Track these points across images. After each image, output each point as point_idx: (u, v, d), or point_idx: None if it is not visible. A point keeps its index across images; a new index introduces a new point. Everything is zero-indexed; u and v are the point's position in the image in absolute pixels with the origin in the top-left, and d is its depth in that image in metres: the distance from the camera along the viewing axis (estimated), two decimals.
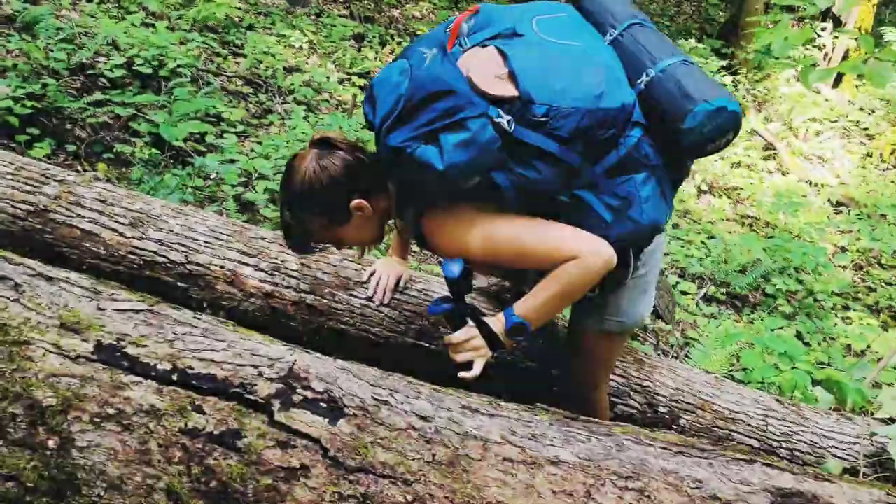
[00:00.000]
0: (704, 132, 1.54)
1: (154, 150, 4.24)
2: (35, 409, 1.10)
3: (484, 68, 1.50)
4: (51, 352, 1.14)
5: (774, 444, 2.29)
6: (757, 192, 7.10)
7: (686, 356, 3.98)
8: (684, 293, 5.00)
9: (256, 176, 4.41)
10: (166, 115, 4.57)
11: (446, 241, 1.62)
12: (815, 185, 7.69)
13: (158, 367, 1.18)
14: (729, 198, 7.09)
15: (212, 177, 4.42)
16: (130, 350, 1.19)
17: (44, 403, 1.10)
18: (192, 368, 1.19)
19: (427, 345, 2.17)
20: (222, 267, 2.10)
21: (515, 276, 2.04)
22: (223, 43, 6.59)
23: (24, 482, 1.09)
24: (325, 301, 2.14)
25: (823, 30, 9.18)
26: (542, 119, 1.45)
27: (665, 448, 1.42)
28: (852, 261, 6.34)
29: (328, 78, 6.83)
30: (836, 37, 9.38)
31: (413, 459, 1.20)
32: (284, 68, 6.71)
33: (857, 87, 10.10)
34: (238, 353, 1.24)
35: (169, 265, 2.06)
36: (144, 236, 2.07)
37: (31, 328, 1.16)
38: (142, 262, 2.05)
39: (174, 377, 1.17)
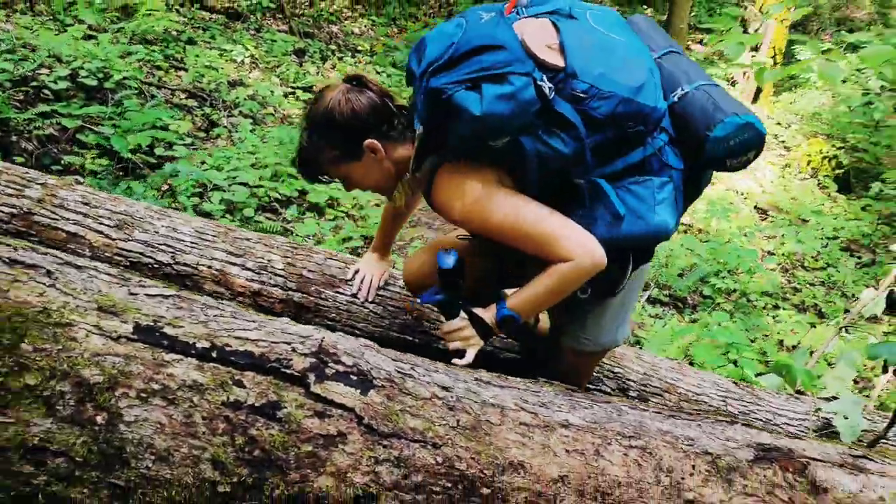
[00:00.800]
0: (730, 144, 1.63)
1: (103, 162, 4.18)
2: (83, 387, 1.13)
3: (537, 35, 1.56)
4: (93, 333, 1.18)
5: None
6: None
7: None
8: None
9: (211, 187, 4.40)
10: (114, 127, 4.51)
11: (454, 198, 1.62)
12: (742, 194, 8.11)
13: (197, 345, 1.22)
14: None
15: (163, 188, 4.38)
16: (168, 330, 1.23)
17: (91, 381, 1.14)
18: (230, 346, 1.24)
19: (410, 338, 2.25)
20: (210, 267, 2.13)
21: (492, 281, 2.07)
22: (164, 56, 6.52)
23: (74, 457, 1.12)
24: (311, 298, 2.20)
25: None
26: (582, 95, 1.52)
27: (658, 412, 1.55)
28: (779, 263, 6.73)
29: (272, 92, 6.84)
30: (753, 55, 9.96)
31: (440, 425, 1.29)
32: (228, 82, 6.69)
33: (773, 102, 10.73)
34: (270, 331, 1.30)
35: (156, 266, 2.08)
36: (130, 238, 2.09)
37: (70, 311, 1.19)
38: (128, 264, 2.06)
39: (213, 354, 1.22)
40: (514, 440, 1.31)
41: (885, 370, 2.17)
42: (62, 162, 4.14)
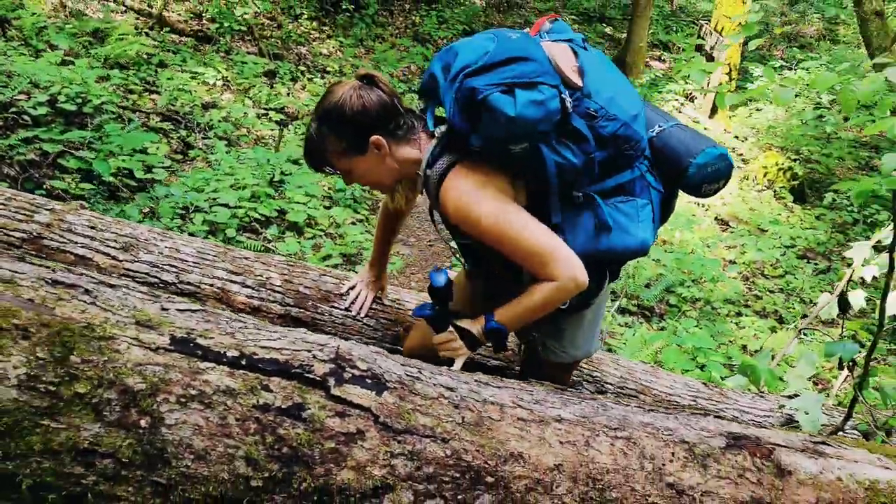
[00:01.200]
0: (708, 171, 1.85)
1: (86, 186, 4.25)
2: (127, 394, 1.25)
3: (562, 56, 1.73)
4: (133, 345, 1.29)
5: None
6: None
7: None
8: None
9: (193, 209, 4.49)
10: (95, 151, 4.58)
11: (464, 198, 1.70)
12: (704, 206, 8.40)
13: (228, 353, 1.34)
14: None
15: (144, 211, 4.46)
16: (201, 341, 1.35)
17: (134, 388, 1.25)
18: (256, 354, 1.36)
19: (402, 349, 2.38)
20: (212, 285, 2.24)
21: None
22: (139, 80, 6.59)
23: (120, 458, 1.23)
24: (308, 313, 2.32)
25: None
26: (593, 113, 1.70)
27: (639, 407, 1.70)
28: (740, 272, 7.00)
29: (246, 114, 6.94)
30: (709, 73, 10.33)
31: (447, 422, 1.42)
32: (201, 104, 6.77)
33: (730, 117, 11.12)
34: (291, 340, 1.42)
35: (161, 285, 2.19)
36: (136, 259, 2.19)
37: (111, 325, 1.30)
38: (136, 284, 2.17)
39: (242, 362, 1.34)
40: (514, 434, 1.46)
41: (840, 367, 2.36)
42: (45, 186, 4.20)
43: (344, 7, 10.60)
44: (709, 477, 1.53)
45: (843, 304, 2.33)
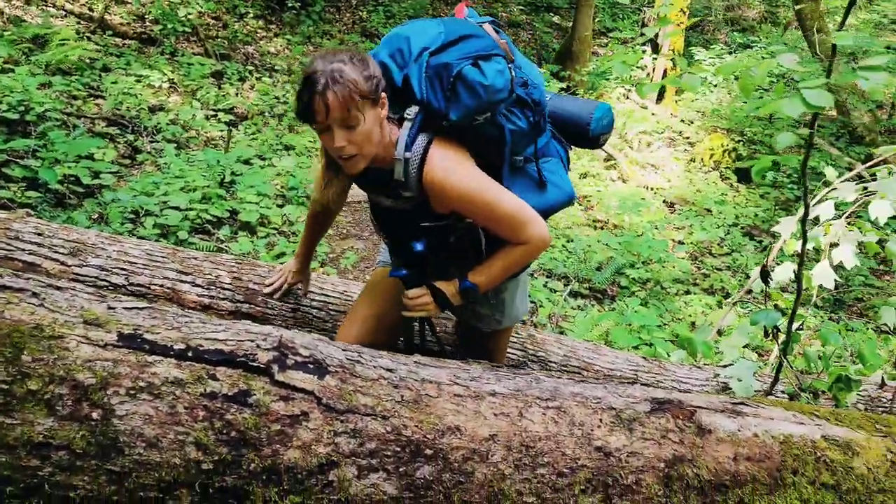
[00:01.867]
0: (604, 123, 2.10)
1: (32, 194, 4.23)
2: (78, 388, 1.31)
3: (492, 33, 1.85)
4: (82, 342, 1.35)
5: None
6: (604, 199, 7.90)
7: None
8: (553, 291, 5.55)
9: (143, 213, 4.50)
10: (40, 159, 4.56)
11: (450, 173, 1.77)
12: (651, 189, 8.62)
13: (174, 346, 1.41)
14: (581, 205, 7.83)
15: (93, 217, 4.45)
16: (148, 336, 1.41)
17: (85, 383, 1.32)
18: (202, 346, 1.43)
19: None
20: (161, 286, 2.29)
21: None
22: (82, 85, 6.51)
23: (75, 449, 1.30)
24: (259, 308, 2.39)
25: (645, 52, 10.32)
26: (526, 82, 1.86)
27: (570, 379, 1.82)
28: (688, 252, 7.22)
29: (194, 115, 6.92)
30: (655, 59, 10.57)
31: (387, 401, 1.51)
32: (148, 108, 6.73)
33: (676, 101, 11.40)
34: (235, 332, 1.49)
35: (111, 288, 2.23)
36: (85, 263, 2.23)
37: (60, 325, 1.36)
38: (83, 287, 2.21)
39: (189, 354, 1.41)
40: (451, 409, 1.56)
41: (765, 335, 2.52)
42: None
43: (290, 5, 10.56)
44: (634, 439, 1.66)
45: (765, 276, 2.48)
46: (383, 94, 1.74)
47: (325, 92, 1.65)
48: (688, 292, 6.27)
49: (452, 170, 1.79)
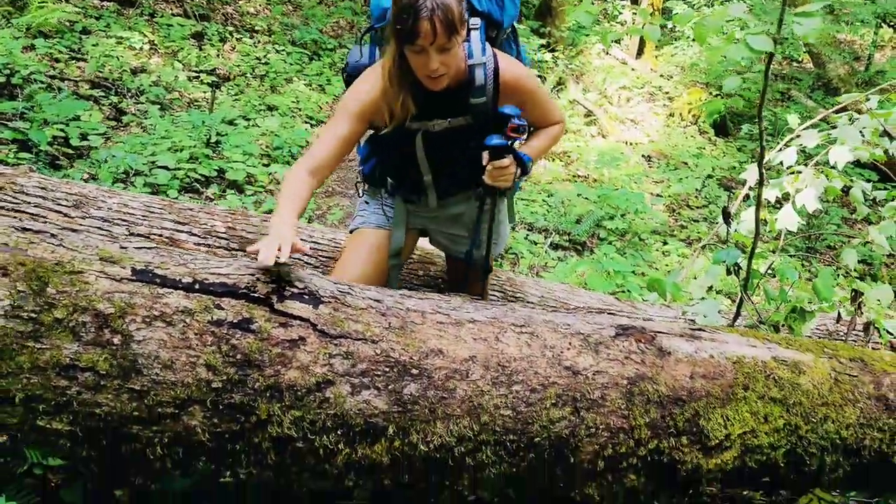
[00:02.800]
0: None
1: (25, 155, 4.32)
2: (100, 317, 1.46)
3: None
4: (101, 277, 1.50)
5: None
6: (584, 154, 8.04)
7: None
8: (534, 243, 5.72)
9: (133, 173, 4.60)
10: (29, 121, 4.63)
11: (520, 71, 2.16)
12: (631, 144, 8.78)
13: (183, 280, 1.56)
14: (561, 161, 7.98)
15: (84, 178, 4.55)
16: (158, 271, 1.56)
17: (105, 312, 1.47)
18: (208, 280, 1.58)
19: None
20: (161, 235, 2.44)
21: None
22: (66, 48, 6.52)
23: (99, 371, 1.45)
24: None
25: (624, 7, 10.38)
26: None
27: (543, 310, 2.00)
28: (666, 205, 7.41)
29: (176, 77, 6.95)
30: (634, 13, 10.63)
31: (375, 327, 1.68)
32: (130, 70, 6.76)
33: (656, 56, 11.48)
34: (237, 267, 1.65)
35: (114, 238, 2.37)
36: (88, 215, 2.36)
37: (79, 262, 1.51)
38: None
39: (196, 286, 1.56)
40: (434, 334, 1.73)
41: (728, 273, 2.70)
42: None
43: None
44: (600, 359, 1.84)
45: (727, 217, 2.66)
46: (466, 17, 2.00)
47: (432, 17, 1.83)
48: (665, 243, 6.47)
49: (520, 67, 2.18)
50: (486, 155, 2.10)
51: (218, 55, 8.08)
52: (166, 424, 1.51)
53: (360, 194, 2.46)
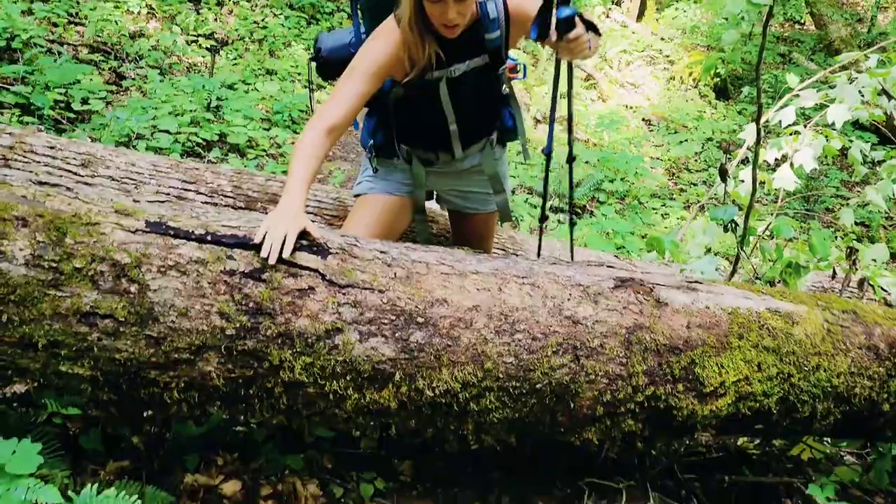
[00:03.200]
0: None
1: (28, 119, 4.34)
2: (116, 266, 1.51)
3: None
4: (116, 228, 1.55)
5: None
6: (583, 118, 8.04)
7: None
8: (534, 206, 5.76)
9: (135, 136, 4.62)
10: (31, 86, 4.64)
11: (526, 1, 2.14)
12: (631, 107, 8.76)
13: (195, 232, 1.61)
14: (560, 125, 7.97)
15: (89, 138, 4.57)
16: (171, 224, 1.60)
17: (122, 262, 1.52)
18: (219, 232, 1.63)
19: None
20: (168, 194, 2.48)
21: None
22: (64, 12, 6.49)
23: (117, 318, 1.51)
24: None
25: None
26: None
27: (544, 262, 2.05)
28: (666, 168, 7.44)
29: (175, 42, 6.92)
30: None
31: (382, 277, 1.73)
32: (129, 34, 6.73)
33: (657, 19, 11.40)
34: (248, 220, 1.69)
35: (126, 192, 2.42)
36: (96, 174, 2.40)
37: (95, 214, 1.55)
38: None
39: (208, 238, 1.61)
40: (438, 284, 1.78)
41: (725, 230, 2.75)
42: None
43: None
44: (599, 310, 1.90)
45: (723, 174, 2.70)
46: None
47: None
48: (664, 205, 6.51)
49: None
50: (553, 33, 2.01)
51: (216, 19, 8.03)
52: (182, 370, 1.57)
53: (372, 165, 2.45)
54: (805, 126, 3.42)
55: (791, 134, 3.44)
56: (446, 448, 2.13)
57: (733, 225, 2.72)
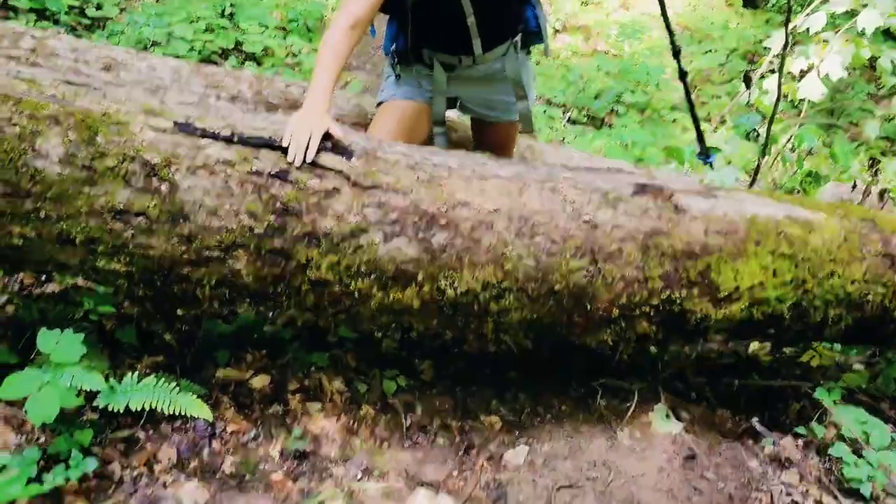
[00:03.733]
0: None
1: (45, 24, 4.30)
2: (147, 166, 1.55)
3: None
4: (146, 128, 1.58)
5: None
6: (604, 28, 7.83)
7: None
8: (552, 118, 5.70)
9: (150, 44, 4.58)
10: None
11: None
12: (654, 15, 8.48)
13: (222, 133, 1.63)
14: (581, 34, 7.78)
15: None
16: (198, 124, 1.63)
17: (152, 161, 1.55)
18: (245, 133, 1.66)
19: None
20: (191, 97, 2.49)
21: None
22: None
23: (150, 216, 1.56)
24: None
25: None
26: None
27: (564, 167, 2.07)
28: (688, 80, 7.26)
29: None
30: None
31: (406, 179, 1.76)
32: None
33: None
34: (273, 121, 1.72)
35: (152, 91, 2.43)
36: (118, 78, 2.41)
37: (124, 114, 1.58)
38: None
39: (234, 139, 1.64)
40: (460, 187, 1.81)
41: (747, 137, 2.74)
42: None
43: None
44: (618, 214, 1.92)
45: (748, 81, 2.66)
46: None
47: None
48: (685, 118, 6.41)
49: None
50: None
51: None
52: (213, 267, 1.63)
53: (395, 72, 2.44)
54: (835, 33, 3.33)
55: (819, 42, 3.36)
56: (465, 348, 2.21)
57: (755, 134, 2.70)
